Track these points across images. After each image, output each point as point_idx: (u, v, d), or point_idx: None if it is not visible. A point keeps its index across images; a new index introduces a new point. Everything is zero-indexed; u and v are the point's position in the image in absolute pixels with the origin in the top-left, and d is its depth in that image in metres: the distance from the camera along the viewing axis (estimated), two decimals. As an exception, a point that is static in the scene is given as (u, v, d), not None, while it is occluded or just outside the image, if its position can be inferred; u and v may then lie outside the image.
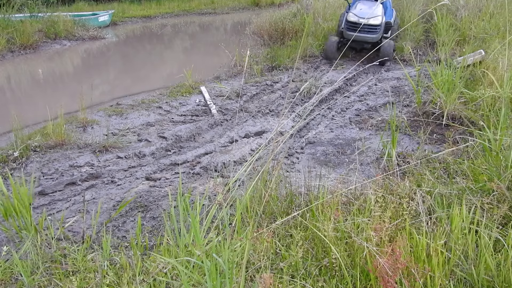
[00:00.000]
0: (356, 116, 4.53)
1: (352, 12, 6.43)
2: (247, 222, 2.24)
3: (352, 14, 6.40)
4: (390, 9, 6.79)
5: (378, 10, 6.38)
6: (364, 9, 6.42)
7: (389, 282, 1.55)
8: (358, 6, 6.55)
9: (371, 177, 2.93)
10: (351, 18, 6.33)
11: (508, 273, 1.68)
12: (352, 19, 6.33)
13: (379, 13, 6.32)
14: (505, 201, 2.12)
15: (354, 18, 6.31)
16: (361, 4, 6.62)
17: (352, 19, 6.33)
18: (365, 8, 6.45)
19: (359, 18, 6.24)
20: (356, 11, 6.44)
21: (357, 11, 6.43)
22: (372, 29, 6.30)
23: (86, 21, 10.39)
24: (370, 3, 6.59)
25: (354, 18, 6.30)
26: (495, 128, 2.88)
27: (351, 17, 6.35)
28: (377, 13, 6.32)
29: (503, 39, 5.45)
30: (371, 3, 6.58)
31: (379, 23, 6.28)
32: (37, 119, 4.77)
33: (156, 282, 1.89)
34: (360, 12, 6.35)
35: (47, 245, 2.30)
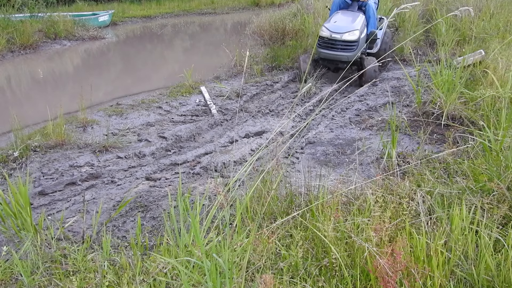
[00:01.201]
0: (356, 116, 4.53)
1: (325, 26, 5.38)
2: (247, 222, 2.24)
3: (324, 28, 5.36)
4: (374, 18, 5.65)
5: (356, 23, 5.32)
6: (339, 22, 5.33)
7: (389, 282, 1.55)
8: (333, 18, 5.50)
9: (371, 177, 2.93)
10: (323, 33, 5.33)
11: (508, 273, 1.68)
12: (323, 34, 5.33)
13: (356, 27, 5.27)
14: (505, 201, 2.12)
15: (325, 33, 5.29)
16: (337, 16, 5.56)
17: (324, 34, 5.32)
18: (341, 20, 5.39)
19: (331, 32, 5.23)
20: (329, 24, 5.38)
21: (330, 24, 5.37)
22: (347, 46, 5.25)
23: (86, 21, 10.39)
24: (350, 14, 5.57)
25: (326, 32, 5.29)
26: (495, 128, 2.88)
27: (323, 31, 5.34)
28: (354, 26, 5.28)
29: (503, 39, 5.45)
30: (350, 14, 5.56)
31: (356, 38, 5.21)
32: (37, 119, 4.77)
33: (156, 282, 1.89)
34: (334, 26, 5.30)
35: (47, 245, 2.30)
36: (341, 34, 5.20)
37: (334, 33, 5.23)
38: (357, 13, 5.53)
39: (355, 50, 5.27)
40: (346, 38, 5.20)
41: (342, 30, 5.21)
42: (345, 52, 5.24)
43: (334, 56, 5.29)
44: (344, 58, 5.24)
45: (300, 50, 6.94)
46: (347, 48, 5.26)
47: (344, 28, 5.24)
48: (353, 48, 5.26)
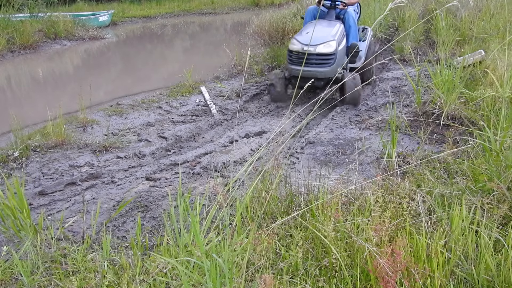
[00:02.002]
0: (356, 116, 4.53)
1: (295, 38, 4.63)
2: (247, 222, 2.24)
3: (294, 40, 4.61)
4: (355, 28, 4.95)
5: (333, 33, 4.60)
6: (311, 33, 4.59)
7: (389, 282, 1.55)
8: (305, 29, 4.82)
9: (371, 177, 2.93)
10: (293, 46, 4.57)
11: (508, 273, 1.68)
12: (294, 47, 4.56)
13: (332, 37, 4.53)
14: (505, 201, 2.12)
15: (296, 46, 4.54)
16: (311, 26, 4.85)
17: (294, 47, 4.56)
18: (315, 31, 4.67)
19: (303, 45, 4.49)
20: (300, 36, 4.65)
21: (302, 36, 4.64)
22: (323, 61, 4.50)
23: (86, 21, 10.40)
24: (325, 24, 4.85)
25: (297, 46, 4.54)
26: (495, 128, 2.88)
27: (293, 44, 4.58)
28: (330, 36, 4.53)
29: (503, 39, 5.45)
30: (326, 24, 4.84)
31: (332, 51, 4.46)
32: (37, 119, 4.78)
33: (156, 282, 1.89)
34: (306, 38, 4.56)
35: (47, 245, 2.30)
36: (315, 46, 4.44)
37: (306, 45, 4.45)
38: (334, 22, 4.83)
39: (332, 65, 4.52)
40: (321, 51, 4.45)
41: (315, 42, 4.45)
42: (320, 68, 4.47)
43: (308, 73, 4.41)
44: (320, 75, 4.47)
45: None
46: (322, 62, 4.49)
47: (318, 39, 4.48)
48: (330, 63, 4.50)
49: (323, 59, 4.50)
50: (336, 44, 4.51)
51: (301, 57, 4.51)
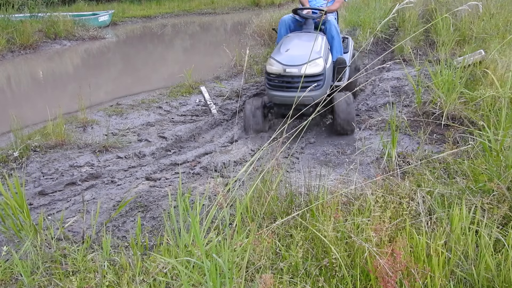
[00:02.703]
0: (356, 116, 4.53)
1: (273, 58, 3.79)
2: (247, 222, 2.24)
3: (272, 61, 3.78)
4: (339, 39, 4.24)
5: (318, 48, 3.85)
6: (293, 50, 3.82)
7: (389, 282, 1.55)
8: (284, 45, 3.95)
9: (371, 177, 2.93)
10: (272, 68, 3.76)
11: (508, 273, 1.68)
12: (273, 69, 3.75)
13: (318, 53, 3.77)
14: (505, 201, 2.12)
15: (276, 68, 3.73)
16: (289, 41, 4.03)
17: (274, 69, 3.74)
18: (296, 46, 3.91)
19: (284, 66, 3.67)
20: (279, 55, 3.79)
21: (281, 54, 3.79)
22: (310, 83, 3.64)
23: (86, 21, 10.40)
24: (306, 37, 4.11)
25: (276, 67, 3.72)
26: (495, 128, 2.88)
27: (272, 66, 3.76)
28: (316, 53, 3.78)
29: (503, 39, 5.45)
30: (307, 37, 4.10)
31: (321, 70, 3.71)
32: (37, 119, 4.78)
33: (156, 282, 1.89)
34: (287, 57, 3.73)
35: (47, 245, 2.30)
36: (299, 66, 3.62)
37: (288, 66, 3.65)
38: (315, 35, 4.05)
39: (322, 87, 3.73)
40: (307, 72, 3.63)
41: (299, 61, 3.64)
42: (308, 92, 3.52)
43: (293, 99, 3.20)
44: (308, 101, 3.61)
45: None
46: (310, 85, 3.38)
47: (301, 57, 3.67)
48: (318, 85, 3.70)
49: (311, 81, 3.67)
50: (324, 61, 3.75)
51: (283, 80, 3.71)
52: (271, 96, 3.86)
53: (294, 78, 3.68)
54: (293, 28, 4.44)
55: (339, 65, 4.11)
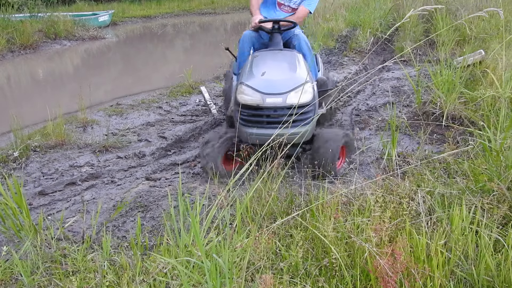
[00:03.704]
0: (356, 116, 4.53)
1: (246, 84, 2.88)
2: (247, 222, 2.24)
3: (246, 88, 2.87)
4: (311, 55, 3.48)
5: (300, 68, 3.03)
6: (271, 73, 2.93)
7: (389, 282, 1.55)
8: (255, 68, 3.02)
9: (371, 177, 2.92)
10: (246, 99, 2.86)
11: (508, 273, 1.68)
12: (248, 99, 2.85)
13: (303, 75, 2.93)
14: (505, 201, 2.12)
15: (252, 98, 2.84)
16: (261, 62, 3.11)
17: (249, 99, 2.85)
18: (272, 69, 3.01)
19: (264, 96, 2.80)
20: (254, 79, 2.90)
21: (256, 79, 2.89)
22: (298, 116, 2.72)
23: (86, 21, 10.41)
24: (281, 56, 3.24)
25: (253, 97, 2.83)
26: (495, 128, 2.88)
27: (246, 95, 2.86)
28: (300, 75, 2.93)
29: (503, 39, 5.45)
30: (282, 56, 3.23)
31: (311, 98, 2.89)
32: (37, 119, 4.78)
33: (156, 282, 1.89)
34: (264, 82, 2.85)
35: (47, 245, 2.30)
36: (283, 95, 2.78)
37: (269, 95, 2.79)
38: (289, 53, 3.25)
39: (312, 120, 2.88)
40: (294, 102, 2.75)
41: (283, 88, 2.80)
42: (296, 128, 2.74)
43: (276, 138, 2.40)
44: (297, 139, 2.71)
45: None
46: (299, 119, 2.79)
47: (285, 83, 2.83)
48: (308, 117, 2.88)
49: (297, 113, 2.64)
50: (313, 86, 2.97)
51: (261, 115, 2.84)
52: (247, 135, 2.88)
53: (277, 111, 2.80)
54: (258, 46, 3.53)
55: (320, 88, 3.22)
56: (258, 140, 2.84)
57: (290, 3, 3.68)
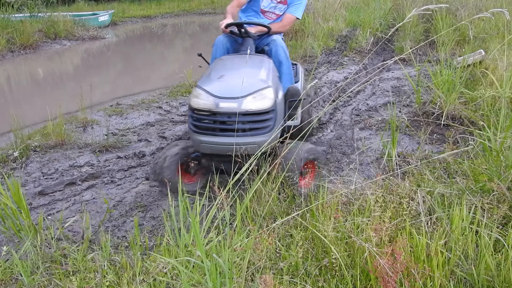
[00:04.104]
0: (356, 116, 4.53)
1: (201, 87, 2.64)
2: (248, 222, 2.24)
3: (200, 91, 2.63)
4: (288, 63, 3.17)
5: (262, 74, 2.75)
6: (228, 76, 2.74)
7: (389, 282, 1.55)
8: (214, 71, 2.83)
9: (371, 177, 2.93)
10: (198, 102, 2.60)
11: (508, 273, 1.68)
12: (200, 103, 2.59)
13: (265, 80, 2.67)
14: (505, 201, 2.12)
15: (205, 102, 2.57)
16: (222, 65, 2.94)
17: (201, 103, 2.59)
18: (231, 72, 2.83)
19: (218, 100, 2.54)
20: (210, 83, 2.67)
21: (212, 83, 2.67)
22: (255, 124, 2.57)
23: (86, 21, 10.41)
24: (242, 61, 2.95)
25: (206, 101, 2.57)
26: (495, 128, 2.88)
27: (198, 98, 2.61)
28: (261, 80, 2.67)
29: (503, 39, 5.45)
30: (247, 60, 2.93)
31: (270, 105, 2.58)
32: (37, 119, 4.78)
33: (156, 282, 1.90)
34: (220, 86, 2.64)
35: (47, 245, 2.30)
36: (239, 100, 2.52)
37: (223, 99, 2.53)
38: (258, 57, 3.02)
39: (272, 128, 2.61)
40: (252, 108, 2.53)
41: (239, 92, 2.52)
42: (252, 137, 2.55)
43: (230, 147, 2.50)
44: (251, 150, 2.52)
45: (300, 50, 6.93)
46: (256, 127, 2.57)
47: (241, 87, 2.51)
48: (267, 126, 2.59)
49: (256, 121, 2.56)
50: (274, 92, 2.64)
51: (215, 120, 2.58)
52: (198, 143, 2.63)
53: (231, 117, 2.51)
54: (233, 51, 3.28)
55: (291, 98, 2.95)
56: (210, 149, 2.60)
57: (275, 10, 3.45)
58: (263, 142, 2.52)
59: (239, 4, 3.42)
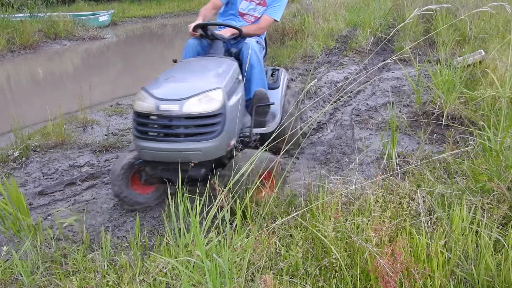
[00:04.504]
0: (356, 116, 4.53)
1: (145, 89, 2.44)
2: (247, 222, 2.24)
3: (143, 93, 2.43)
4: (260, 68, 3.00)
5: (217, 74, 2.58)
6: (176, 78, 2.57)
7: (389, 282, 1.55)
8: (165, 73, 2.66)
9: (371, 177, 2.93)
10: (141, 105, 2.41)
11: (508, 273, 1.68)
12: (142, 106, 2.41)
13: (213, 83, 2.44)
14: (505, 201, 2.12)
15: (147, 104, 2.38)
16: (177, 68, 2.79)
17: (144, 106, 2.39)
18: (182, 74, 2.67)
19: (158, 102, 2.34)
20: (155, 85, 2.48)
21: (159, 85, 2.48)
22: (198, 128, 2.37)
23: (86, 21, 10.41)
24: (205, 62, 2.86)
25: (148, 103, 2.38)
26: (495, 128, 2.88)
27: (141, 100, 2.42)
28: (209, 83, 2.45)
29: (503, 39, 5.45)
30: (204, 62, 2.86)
31: (216, 108, 2.36)
32: (37, 119, 4.78)
33: (156, 282, 1.90)
34: (164, 87, 2.46)
35: (47, 245, 2.30)
36: (181, 102, 2.31)
37: (164, 101, 2.33)
38: (221, 59, 2.84)
39: (219, 134, 2.38)
40: (194, 110, 2.31)
41: (182, 94, 2.34)
42: (196, 143, 2.34)
43: (171, 155, 2.35)
44: (194, 157, 2.35)
45: (300, 50, 6.93)
46: (199, 132, 2.36)
47: (187, 88, 2.39)
48: (214, 131, 2.36)
49: (199, 125, 2.35)
50: (224, 94, 2.40)
51: (156, 124, 2.37)
52: (139, 149, 2.44)
53: (173, 120, 2.31)
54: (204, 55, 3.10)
55: (258, 103, 2.80)
56: (152, 156, 2.40)
57: (254, 12, 3.27)
58: (209, 149, 2.35)
59: (215, 6, 3.30)
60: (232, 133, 2.53)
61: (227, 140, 2.47)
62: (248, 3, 3.26)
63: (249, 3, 3.26)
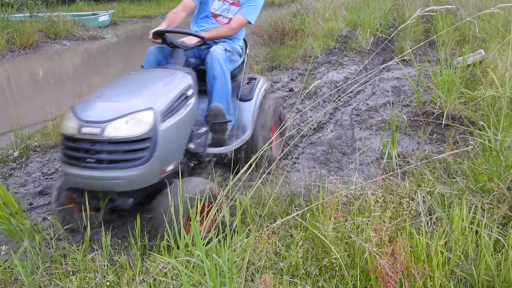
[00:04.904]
0: (356, 116, 4.53)
1: (73, 110, 2.19)
2: (247, 222, 2.24)
3: (70, 114, 2.18)
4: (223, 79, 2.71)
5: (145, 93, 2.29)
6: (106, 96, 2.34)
7: (389, 282, 1.55)
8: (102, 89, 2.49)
9: (371, 177, 2.92)
10: (66, 127, 2.17)
11: (508, 273, 1.68)
12: (67, 128, 2.16)
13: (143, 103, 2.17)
14: (505, 201, 2.12)
15: (71, 126, 2.13)
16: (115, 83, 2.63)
17: (68, 128, 2.15)
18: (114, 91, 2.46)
19: (80, 123, 2.10)
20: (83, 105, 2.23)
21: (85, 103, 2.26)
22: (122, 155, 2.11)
23: (86, 21, 10.42)
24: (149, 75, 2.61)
25: (71, 124, 2.14)
26: (495, 128, 2.88)
27: (67, 121, 2.18)
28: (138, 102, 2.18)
29: (503, 39, 5.45)
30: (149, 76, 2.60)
31: (144, 131, 2.10)
32: (37, 119, 4.78)
33: (156, 282, 1.89)
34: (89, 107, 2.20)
35: (47, 245, 2.30)
36: (103, 124, 2.08)
37: (86, 124, 2.10)
38: (173, 71, 2.54)
39: (146, 162, 2.13)
40: (116, 134, 2.08)
41: (105, 116, 2.12)
42: (117, 170, 2.11)
43: (91, 182, 2.14)
44: (118, 186, 2.15)
45: (300, 50, 6.93)
46: (122, 159, 2.12)
47: (112, 109, 2.16)
48: (140, 157, 2.13)
49: (123, 151, 2.12)
50: (155, 116, 2.16)
51: (78, 147, 2.15)
52: (64, 174, 2.30)
53: (95, 145, 2.10)
54: (162, 62, 2.86)
55: (214, 119, 2.61)
56: (75, 183, 2.21)
57: (227, 14, 3.00)
58: (135, 177, 2.12)
59: (185, 8, 3.01)
60: (168, 158, 2.28)
61: (160, 167, 2.22)
62: (221, 3, 3.00)
63: (222, 3, 3.00)
